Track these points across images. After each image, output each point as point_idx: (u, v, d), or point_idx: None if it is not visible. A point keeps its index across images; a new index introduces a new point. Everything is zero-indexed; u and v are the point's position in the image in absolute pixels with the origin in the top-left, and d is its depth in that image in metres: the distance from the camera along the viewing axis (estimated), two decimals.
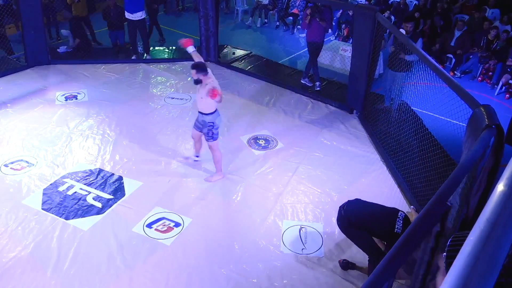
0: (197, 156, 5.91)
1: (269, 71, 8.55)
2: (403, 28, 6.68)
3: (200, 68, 5.11)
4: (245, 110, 7.25)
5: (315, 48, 7.65)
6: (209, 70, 5.20)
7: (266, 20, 12.62)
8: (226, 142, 6.38)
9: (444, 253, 1.48)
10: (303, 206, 5.23)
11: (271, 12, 12.61)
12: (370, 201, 4.23)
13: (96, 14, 10.91)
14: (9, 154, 5.99)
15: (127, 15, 8.58)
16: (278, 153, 6.21)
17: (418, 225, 2.19)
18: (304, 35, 10.08)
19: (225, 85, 8.03)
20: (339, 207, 4.18)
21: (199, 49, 8.90)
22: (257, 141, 6.45)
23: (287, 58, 10.27)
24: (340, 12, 11.27)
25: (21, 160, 5.89)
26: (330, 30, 9.15)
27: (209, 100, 5.09)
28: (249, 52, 9.42)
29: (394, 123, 6.22)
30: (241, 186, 5.55)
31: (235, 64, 8.83)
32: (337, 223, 4.17)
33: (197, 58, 5.46)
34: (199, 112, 5.35)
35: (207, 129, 5.32)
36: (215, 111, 5.31)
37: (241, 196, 5.40)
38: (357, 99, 7.04)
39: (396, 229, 3.78)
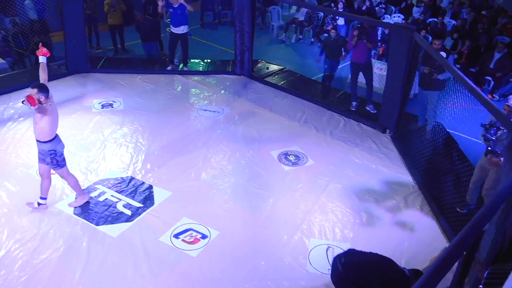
0: (43, 199, 5.18)
1: (302, 87, 8.55)
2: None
3: (43, 89, 4.65)
4: (276, 125, 7.25)
5: (359, 69, 7.57)
6: (50, 94, 4.76)
7: (301, 36, 12.65)
8: (256, 156, 6.39)
9: (481, 286, 1.43)
10: (331, 225, 5.16)
11: (306, 28, 12.64)
12: (399, 224, 4.12)
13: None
14: None
15: (171, 28, 8.80)
16: (308, 170, 6.17)
17: (452, 250, 2.12)
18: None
19: (258, 99, 8.08)
20: (334, 258, 3.75)
21: (233, 62, 9.08)
22: (288, 156, 6.42)
23: (321, 74, 10.23)
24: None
25: None
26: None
27: (44, 125, 4.70)
28: (282, 67, 9.45)
29: (428, 144, 6.09)
30: (269, 201, 5.53)
31: (268, 79, 8.87)
32: (331, 278, 3.72)
33: (43, 72, 5.05)
34: (37, 141, 4.86)
35: (49, 158, 4.88)
36: (54, 138, 4.87)
37: (269, 212, 5.37)
38: (391, 119, 6.94)
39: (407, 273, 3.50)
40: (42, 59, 5.18)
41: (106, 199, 5.44)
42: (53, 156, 4.89)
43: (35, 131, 4.81)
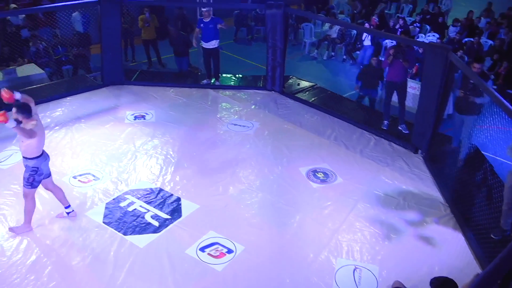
0: (67, 207, 5.28)
1: (333, 104, 8.50)
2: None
3: (21, 108, 4.58)
4: (305, 142, 7.21)
5: (393, 88, 7.48)
6: (37, 117, 4.73)
7: (333, 53, 12.63)
8: (284, 172, 6.36)
9: None
10: (359, 245, 5.06)
11: (339, 45, 12.62)
12: (429, 247, 3.98)
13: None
14: (78, 167, 6.31)
15: (202, 43, 8.94)
16: (336, 188, 6.09)
17: (486, 278, 2.05)
18: None
19: (288, 115, 8.08)
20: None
21: (264, 78, 9.12)
22: (316, 174, 6.37)
23: (352, 92, 10.17)
24: None
25: (89, 173, 6.18)
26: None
27: (29, 143, 4.64)
28: (313, 84, 9.43)
29: (461, 166, 5.93)
30: (296, 218, 5.48)
31: (299, 95, 8.86)
32: None
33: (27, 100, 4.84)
34: (23, 157, 4.80)
35: (28, 174, 4.76)
36: (40, 155, 4.78)
37: (295, 229, 5.32)
38: (423, 139, 6.80)
39: None
40: (17, 96, 4.80)
41: (135, 209, 5.51)
42: (33, 173, 4.77)
43: (21, 147, 4.75)
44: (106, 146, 6.85)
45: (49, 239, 4.97)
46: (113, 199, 5.69)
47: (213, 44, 8.87)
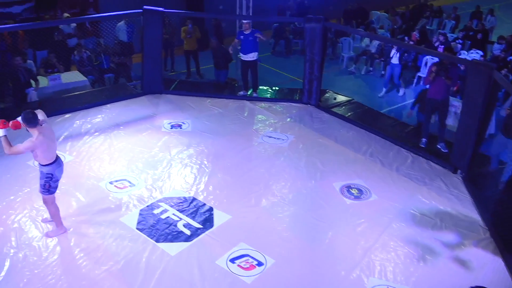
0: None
1: (369, 120, 8.37)
2: None
3: (25, 118, 4.60)
4: (340, 157, 7.12)
5: (434, 106, 7.31)
6: (45, 125, 4.80)
7: (371, 68, 12.49)
8: (317, 187, 6.30)
9: None
10: (392, 265, 4.93)
11: (377, 60, 12.47)
12: (466, 272, 3.84)
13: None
14: (115, 173, 6.45)
15: (241, 55, 9.03)
16: (371, 205, 5.97)
17: None
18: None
19: (323, 129, 8.01)
20: None
21: (301, 91, 9.10)
22: (350, 190, 6.27)
23: (390, 108, 10.03)
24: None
25: (125, 179, 6.31)
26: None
27: (38, 152, 4.70)
28: (350, 98, 9.33)
29: (504, 189, 5.71)
30: (328, 234, 5.40)
31: (335, 110, 8.79)
32: None
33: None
34: (38, 164, 4.90)
35: (44, 180, 4.84)
36: (53, 162, 4.85)
37: (327, 245, 5.24)
38: (463, 159, 6.60)
39: None
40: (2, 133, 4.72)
41: (168, 217, 5.57)
42: (48, 180, 4.86)
43: (34, 156, 4.83)
44: (142, 153, 6.98)
45: (84, 243, 5.08)
46: (147, 206, 5.77)
47: (252, 56, 8.94)
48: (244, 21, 8.91)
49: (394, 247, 5.20)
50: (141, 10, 8.73)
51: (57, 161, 4.94)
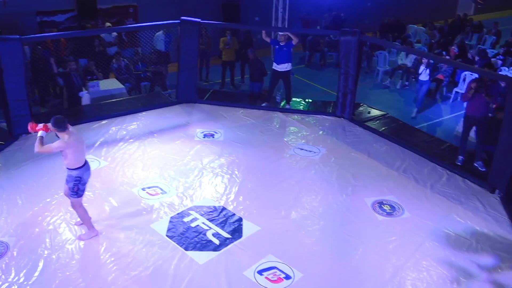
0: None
1: (404, 135, 8.21)
2: None
3: (56, 123, 4.83)
4: (373, 172, 7.01)
5: (473, 123, 7.12)
6: (71, 129, 4.96)
7: (407, 83, 12.29)
8: (349, 202, 6.21)
9: None
10: (424, 286, 4.79)
11: (413, 75, 12.25)
12: None
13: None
14: (148, 180, 6.55)
15: (274, 65, 9.06)
16: (403, 222, 5.83)
17: None
18: None
19: (356, 143, 7.91)
20: None
21: (334, 104, 9.04)
22: (382, 206, 6.15)
23: (425, 123, 9.82)
24: None
25: (157, 186, 6.39)
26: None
27: (67, 156, 4.90)
28: (384, 113, 9.20)
29: None
30: (359, 250, 5.30)
31: (369, 123, 8.67)
32: None
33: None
34: (66, 168, 5.06)
35: (72, 183, 5.01)
36: (82, 166, 5.03)
37: (357, 261, 5.14)
38: (502, 178, 6.37)
39: None
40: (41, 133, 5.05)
41: (198, 225, 5.60)
42: (77, 183, 5.02)
43: (64, 160, 5.02)
44: (175, 161, 7.07)
45: (115, 247, 5.16)
46: (178, 213, 5.82)
47: (285, 67, 8.97)
48: (280, 33, 8.95)
49: (426, 267, 5.06)
50: (178, 21, 8.90)
51: (85, 165, 5.11)
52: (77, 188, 5.03)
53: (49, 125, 4.92)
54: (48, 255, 5.01)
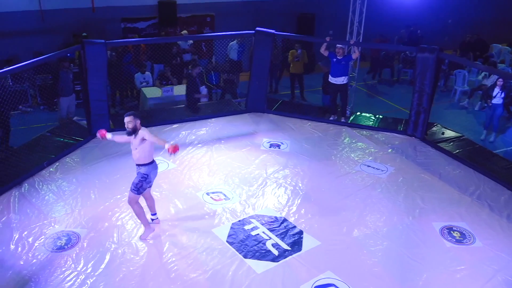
0: (153, 215, 5.71)
1: (480, 159, 7.74)
2: None
3: (137, 115, 5.09)
4: (443, 195, 6.67)
5: None
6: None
7: (486, 105, 11.62)
8: (415, 224, 5.94)
9: None
10: None
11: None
12: None
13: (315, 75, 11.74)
14: (212, 185, 6.68)
15: (330, 78, 8.97)
16: (474, 251, 5.49)
17: None
18: None
19: (427, 164, 7.58)
20: None
21: (406, 122, 8.75)
22: (452, 232, 5.83)
23: (505, 149, 9.21)
24: None
25: (221, 192, 6.50)
26: None
27: (144, 149, 5.08)
28: (460, 135, 8.74)
29: None
30: (423, 276, 5.04)
31: (442, 145, 8.28)
32: None
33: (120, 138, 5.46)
34: (136, 165, 5.22)
35: (138, 180, 5.16)
36: (151, 162, 5.19)
37: (421, 287, 4.90)
38: None
39: None
40: (109, 136, 5.48)
41: (258, 234, 5.61)
42: (143, 180, 5.18)
43: (134, 156, 5.20)
44: (240, 168, 7.16)
45: (177, 248, 5.31)
46: (239, 220, 5.88)
47: (341, 80, 8.87)
48: (338, 45, 8.86)
49: None
50: (253, 31, 9.06)
51: (154, 163, 5.28)
52: (140, 184, 5.20)
53: (127, 118, 5.08)
54: (115, 249, 5.25)
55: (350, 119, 9.28)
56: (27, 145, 7.49)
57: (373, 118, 9.37)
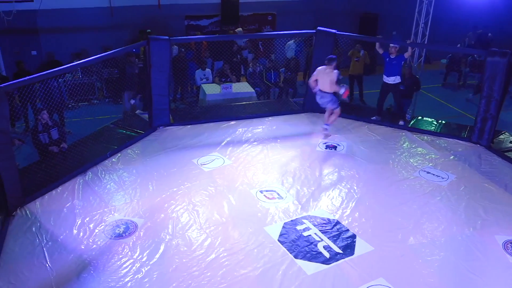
0: (326, 125, 7.98)
1: None
2: None
3: (332, 60, 7.72)
4: (509, 208, 6.28)
5: None
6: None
7: None
8: (476, 236, 5.66)
9: None
10: None
11: None
12: None
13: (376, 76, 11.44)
14: (266, 183, 6.71)
15: (383, 77, 8.77)
16: None
17: None
18: None
19: (491, 173, 7.20)
20: None
21: (471, 129, 8.36)
22: None
23: None
24: None
25: (274, 191, 6.51)
26: None
27: (331, 83, 7.62)
28: None
29: None
30: None
31: (509, 154, 7.83)
32: None
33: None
34: (323, 92, 7.87)
35: (330, 98, 7.82)
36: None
37: None
38: None
39: None
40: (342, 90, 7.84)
41: (310, 235, 5.57)
42: (334, 96, 7.84)
43: (322, 86, 7.82)
44: (294, 168, 7.13)
45: (229, 243, 5.38)
46: (291, 220, 5.86)
47: (393, 79, 8.66)
48: (391, 44, 8.61)
49: None
50: (314, 31, 8.98)
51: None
52: (334, 99, 7.83)
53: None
54: (169, 240, 5.40)
55: (411, 123, 8.99)
56: (93, 136, 7.87)
57: (435, 123, 9.02)
